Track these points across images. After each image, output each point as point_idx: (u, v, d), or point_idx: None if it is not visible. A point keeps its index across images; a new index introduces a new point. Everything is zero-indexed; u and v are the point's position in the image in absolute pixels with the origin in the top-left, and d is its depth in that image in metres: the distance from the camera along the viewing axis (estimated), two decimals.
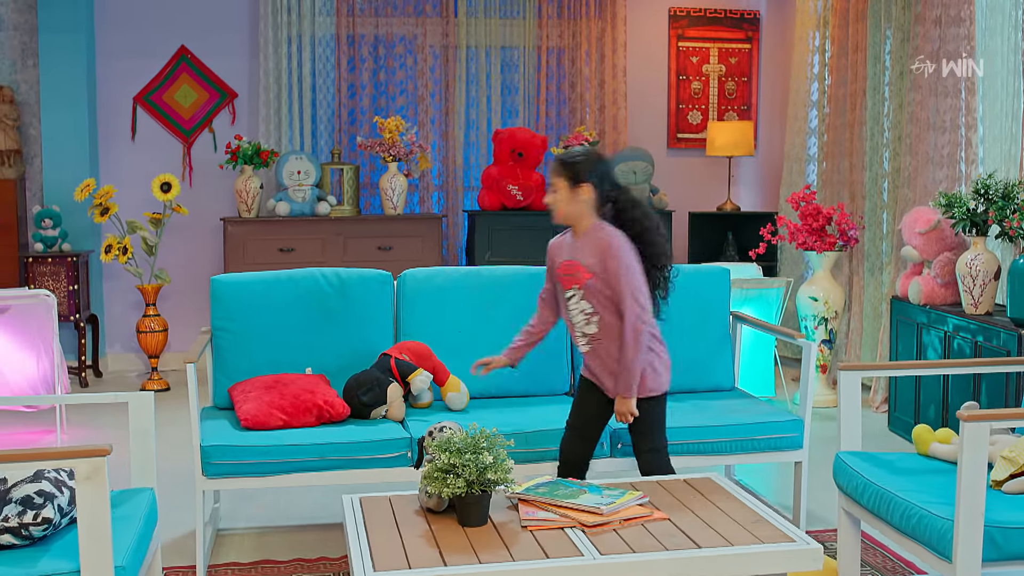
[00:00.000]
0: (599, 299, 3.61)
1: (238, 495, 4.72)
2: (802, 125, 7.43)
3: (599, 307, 3.62)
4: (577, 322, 3.68)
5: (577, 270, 3.63)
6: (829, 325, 6.32)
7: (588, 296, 3.62)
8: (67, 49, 7.19)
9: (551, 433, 3.97)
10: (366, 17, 7.64)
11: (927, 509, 3.02)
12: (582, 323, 3.66)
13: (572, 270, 3.64)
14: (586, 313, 3.64)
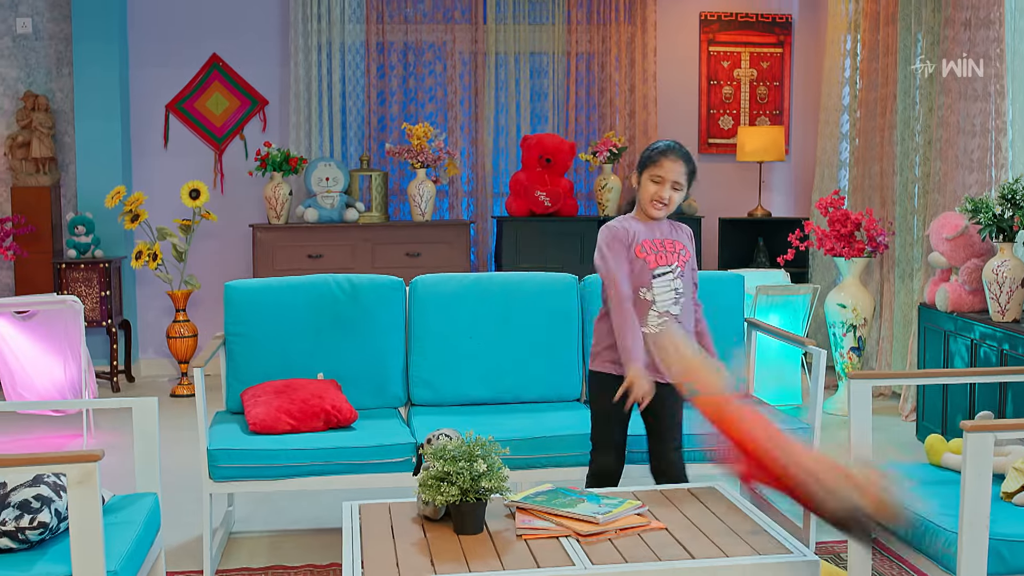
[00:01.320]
0: (689, 282, 3.72)
1: (253, 498, 4.75)
2: (834, 130, 7.34)
3: (687, 289, 3.70)
4: (664, 300, 3.63)
5: (681, 247, 3.69)
6: (858, 332, 6.23)
7: (684, 276, 3.68)
8: (101, 58, 7.28)
9: (562, 439, 3.96)
10: (395, 24, 7.67)
11: (932, 521, 2.97)
12: (670, 302, 3.64)
13: (673, 247, 3.67)
14: (678, 292, 3.65)
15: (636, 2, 7.77)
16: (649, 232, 3.67)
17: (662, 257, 3.65)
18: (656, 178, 3.63)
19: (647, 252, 3.64)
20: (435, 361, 4.46)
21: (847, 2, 7.10)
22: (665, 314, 3.63)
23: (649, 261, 3.64)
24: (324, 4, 7.52)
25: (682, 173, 3.64)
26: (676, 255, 3.67)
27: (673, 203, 3.66)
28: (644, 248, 3.64)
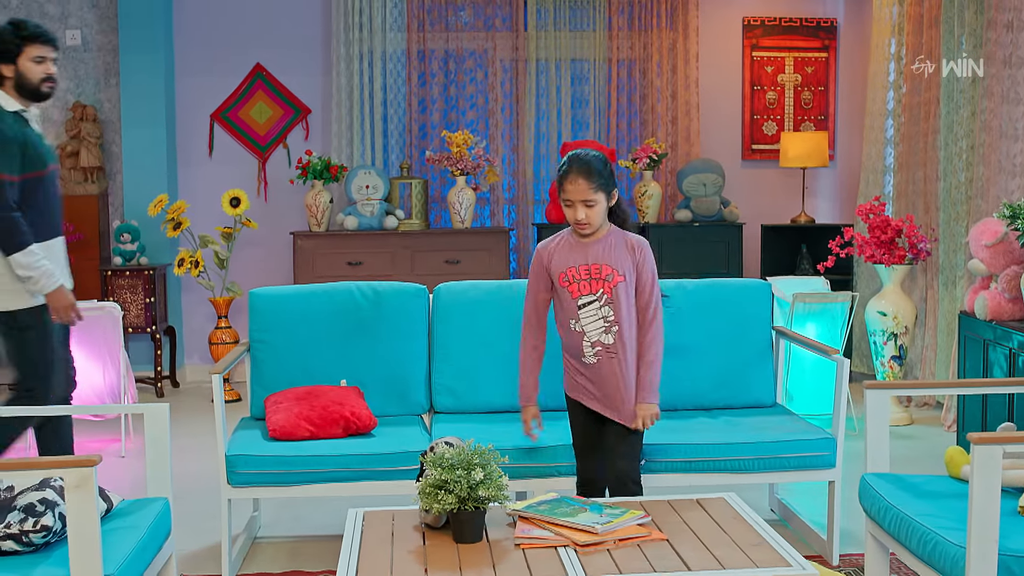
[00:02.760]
0: (623, 306, 3.53)
1: (278, 504, 4.78)
2: (879, 135, 7.22)
3: (621, 315, 3.53)
4: (592, 331, 3.54)
5: (608, 272, 3.52)
6: (899, 341, 6.12)
7: (613, 302, 3.52)
8: (147, 68, 7.41)
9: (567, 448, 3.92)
10: (436, 32, 7.70)
11: (942, 535, 2.90)
12: (599, 332, 3.54)
13: (599, 274, 3.53)
14: (607, 321, 3.53)
15: (678, 8, 7.72)
16: (579, 256, 3.55)
17: (585, 286, 3.53)
18: (566, 202, 3.52)
19: (570, 281, 3.55)
20: (458, 368, 4.47)
21: (891, 5, 6.99)
22: (598, 344, 3.54)
23: (572, 291, 3.54)
24: (366, 13, 7.58)
25: (587, 189, 3.48)
26: (602, 282, 3.52)
27: (594, 218, 3.51)
28: (568, 277, 3.55)
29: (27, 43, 4.22)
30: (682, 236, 7.36)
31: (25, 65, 4.21)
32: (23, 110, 4.24)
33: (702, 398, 4.47)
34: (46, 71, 4.25)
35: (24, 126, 4.20)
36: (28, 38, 4.23)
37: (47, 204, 4.25)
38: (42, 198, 4.22)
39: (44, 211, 4.24)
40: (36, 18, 7.48)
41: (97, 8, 7.55)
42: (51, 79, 4.27)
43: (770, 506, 4.70)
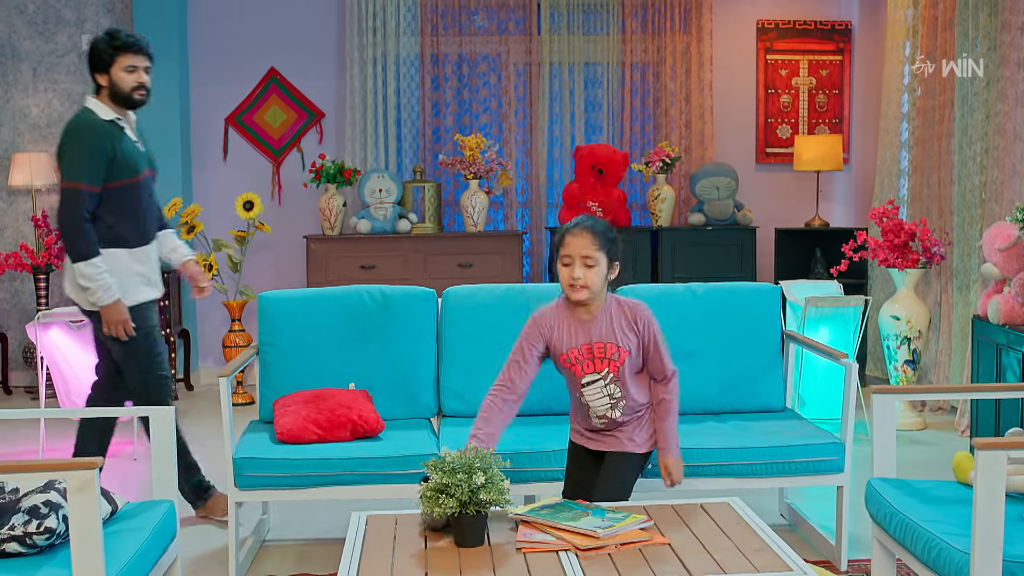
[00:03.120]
0: (629, 379, 3.44)
1: (288, 507, 4.79)
2: (893, 138, 7.19)
3: (627, 389, 3.44)
4: (598, 406, 3.45)
5: (613, 352, 3.39)
6: (912, 345, 6.08)
7: (619, 379, 3.42)
8: (161, 73, 7.36)
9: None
10: (450, 36, 7.72)
11: (947, 541, 2.88)
12: (605, 407, 3.45)
13: (604, 353, 3.39)
14: (614, 398, 3.44)
15: (692, 11, 7.71)
16: (581, 336, 3.41)
17: (588, 365, 3.41)
18: (565, 259, 3.35)
19: (572, 363, 3.42)
20: (466, 372, 4.46)
21: (906, 7, 6.96)
22: (604, 417, 3.47)
23: (576, 371, 3.43)
24: (379, 17, 7.60)
25: (590, 245, 3.32)
26: (606, 361, 3.39)
27: (591, 280, 3.33)
28: (570, 359, 3.42)
29: (119, 53, 4.31)
30: (695, 240, 7.34)
31: (117, 74, 4.31)
32: (118, 118, 4.33)
33: (711, 402, 4.46)
34: (137, 80, 4.33)
35: (118, 134, 4.29)
36: (120, 48, 4.31)
37: (138, 211, 4.35)
38: (132, 205, 4.33)
39: (135, 218, 4.35)
40: (52, 22, 7.55)
41: (113, 13, 7.60)
42: (142, 87, 4.35)
43: (780, 511, 4.68)
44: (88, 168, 4.19)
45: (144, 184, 4.38)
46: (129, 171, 4.28)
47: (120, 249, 4.33)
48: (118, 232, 4.31)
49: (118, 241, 4.32)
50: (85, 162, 4.19)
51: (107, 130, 4.27)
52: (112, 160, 4.23)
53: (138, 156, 4.36)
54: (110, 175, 4.24)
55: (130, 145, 4.33)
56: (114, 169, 4.23)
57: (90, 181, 4.19)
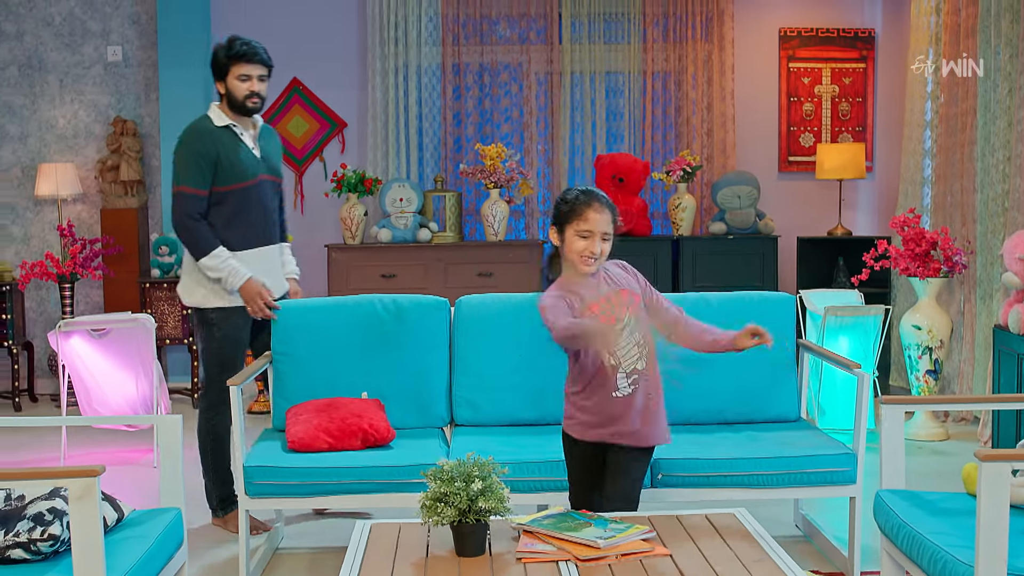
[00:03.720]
0: (646, 326, 3.46)
1: (303, 516, 4.81)
2: (917, 146, 7.13)
3: (647, 336, 3.45)
4: (629, 359, 3.40)
5: (627, 296, 3.42)
6: (934, 355, 6.03)
7: (640, 324, 3.42)
8: (185, 83, 7.52)
9: None
10: (471, 46, 7.74)
11: (952, 554, 2.85)
12: (635, 358, 3.41)
13: (616, 300, 3.40)
14: (640, 345, 3.42)
15: (713, 19, 7.69)
16: (592, 292, 3.41)
17: (612, 313, 3.39)
18: (584, 233, 3.36)
19: (600, 315, 3.38)
20: (478, 381, 4.46)
21: (929, 14, 6.91)
22: (633, 372, 3.41)
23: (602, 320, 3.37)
24: (401, 27, 7.63)
25: (609, 222, 3.38)
26: (625, 306, 3.41)
27: (605, 254, 3.41)
28: (595, 313, 3.38)
29: (233, 62, 4.44)
30: (716, 249, 7.31)
31: (232, 83, 4.44)
32: (233, 124, 4.44)
33: (725, 412, 4.43)
34: (250, 88, 4.43)
35: (228, 140, 4.41)
36: (234, 57, 4.44)
37: (245, 215, 4.47)
38: (239, 209, 4.45)
39: (241, 222, 4.47)
40: (78, 34, 7.65)
41: (138, 25, 7.69)
42: (255, 95, 4.45)
43: (795, 522, 4.65)
44: (191, 172, 4.37)
45: (255, 189, 4.48)
46: (237, 176, 4.41)
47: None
48: (222, 234, 4.45)
49: (221, 242, 4.46)
50: (189, 166, 4.37)
51: (215, 136, 4.41)
52: (217, 165, 4.38)
53: (251, 162, 4.47)
54: (217, 179, 4.39)
55: (242, 151, 4.45)
56: (220, 174, 4.39)
57: (193, 184, 4.37)
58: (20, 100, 7.72)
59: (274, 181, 4.62)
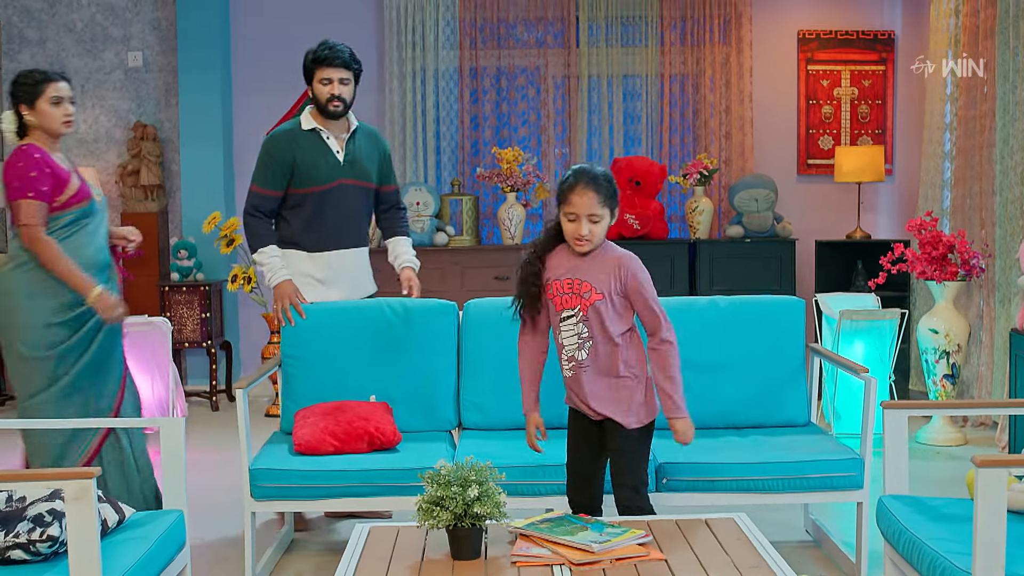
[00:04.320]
0: (599, 324, 3.43)
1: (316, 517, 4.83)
2: (937, 148, 7.07)
3: (595, 332, 3.43)
4: (568, 346, 3.47)
5: (585, 290, 3.42)
6: (951, 359, 5.97)
7: (588, 320, 3.43)
8: (205, 88, 7.58)
9: None
10: (489, 50, 7.75)
11: (950, 560, 2.82)
12: (573, 348, 3.46)
13: (577, 289, 3.43)
14: (581, 338, 3.44)
15: (731, 22, 7.66)
16: (567, 269, 3.46)
17: (567, 300, 3.44)
18: (570, 216, 3.41)
19: (555, 293, 3.47)
20: (485, 385, 4.47)
21: (948, 16, 6.85)
22: (572, 359, 3.45)
23: (555, 303, 3.47)
24: (419, 32, 7.66)
25: (596, 203, 3.38)
26: (579, 298, 3.42)
27: (597, 235, 3.42)
28: (553, 288, 3.48)
29: (317, 66, 4.49)
30: (733, 252, 7.28)
31: (316, 86, 4.50)
32: (320, 128, 4.51)
33: (733, 417, 4.41)
34: (331, 91, 4.46)
35: (309, 144, 4.48)
36: (317, 61, 4.49)
37: (319, 218, 4.53)
38: (313, 212, 4.52)
39: (315, 225, 4.53)
40: (99, 40, 7.72)
41: (158, 30, 7.75)
42: (335, 99, 4.47)
43: (805, 527, 4.62)
44: (261, 172, 4.51)
45: (332, 193, 4.51)
46: (312, 180, 4.48)
47: (295, 250, 4.57)
48: (295, 236, 4.55)
49: (295, 243, 4.57)
50: (261, 166, 4.52)
51: (295, 140, 4.49)
52: (293, 168, 4.46)
53: (331, 167, 4.50)
54: (294, 182, 4.48)
55: (323, 156, 4.49)
56: (296, 177, 4.47)
57: (261, 184, 4.50)
58: None
59: (358, 186, 4.59)
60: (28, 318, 3.98)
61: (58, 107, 4.05)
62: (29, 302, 3.98)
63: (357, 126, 4.63)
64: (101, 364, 4.13)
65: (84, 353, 4.06)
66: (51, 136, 4.08)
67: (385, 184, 4.75)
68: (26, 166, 3.95)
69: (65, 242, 4.01)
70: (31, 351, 3.98)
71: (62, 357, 4.01)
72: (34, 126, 4.04)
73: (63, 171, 4.04)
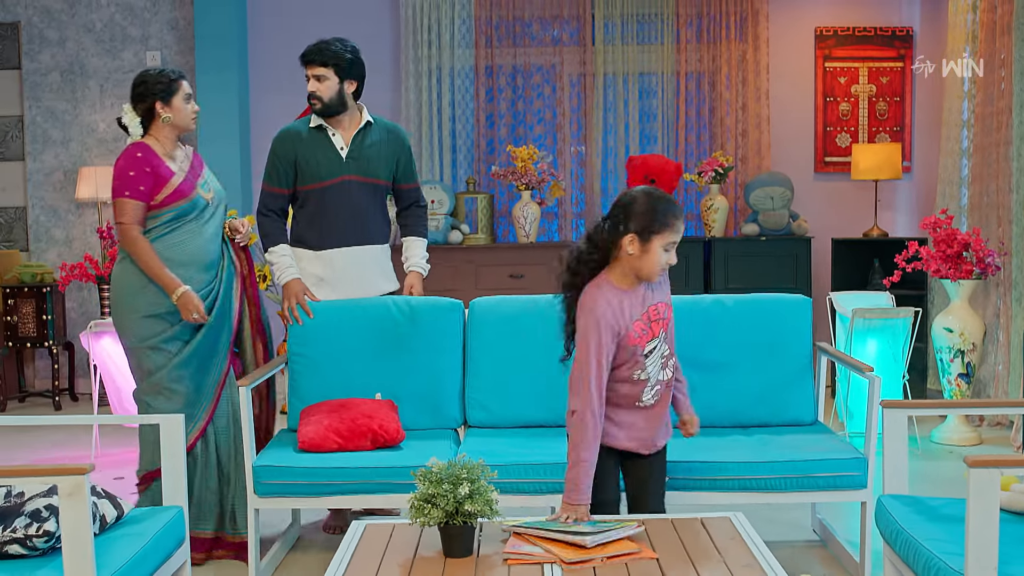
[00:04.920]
0: (671, 335, 3.42)
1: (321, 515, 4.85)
2: (955, 146, 7.01)
3: (670, 344, 3.42)
4: (655, 372, 3.35)
5: (664, 310, 3.36)
6: (966, 358, 5.92)
7: (667, 335, 3.39)
8: (222, 87, 7.62)
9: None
10: (504, 48, 7.76)
11: (944, 560, 2.80)
12: (659, 371, 3.37)
13: (657, 315, 3.33)
14: (663, 356, 3.38)
15: (748, 19, 7.63)
16: (636, 306, 3.29)
17: (648, 331, 3.32)
18: (670, 245, 3.25)
19: (638, 336, 3.30)
20: (491, 383, 4.47)
21: (966, 12, 6.79)
22: (657, 383, 3.38)
23: (641, 344, 3.31)
24: (434, 30, 7.67)
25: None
26: (660, 321, 3.34)
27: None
28: (635, 332, 3.29)
29: (303, 64, 4.54)
30: (749, 250, 7.25)
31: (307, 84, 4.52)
32: (324, 126, 4.54)
33: (739, 415, 4.38)
34: (309, 88, 4.50)
35: (312, 141, 4.51)
36: (301, 58, 4.55)
37: (322, 215, 4.55)
38: (316, 209, 4.55)
39: (317, 222, 4.56)
40: (118, 40, 7.79)
41: (176, 30, 7.81)
42: (312, 95, 4.50)
43: (812, 527, 4.60)
44: (268, 171, 4.57)
45: (334, 190, 4.52)
46: (313, 177, 4.51)
47: (302, 248, 4.62)
48: (301, 233, 4.61)
49: (301, 241, 4.62)
50: (268, 164, 4.57)
51: (297, 138, 4.52)
52: (294, 165, 4.50)
53: (333, 163, 4.51)
54: (299, 180, 4.53)
55: (325, 152, 4.51)
56: (300, 174, 4.52)
57: (268, 182, 4.57)
58: (63, 105, 7.88)
59: (363, 182, 4.57)
60: (129, 310, 4.18)
61: (189, 103, 4.29)
62: (130, 295, 4.17)
63: (369, 121, 4.62)
64: (203, 360, 4.27)
65: (184, 347, 4.23)
66: (177, 132, 4.28)
67: (404, 181, 4.75)
68: (126, 165, 4.12)
69: (164, 238, 4.16)
70: (132, 342, 4.20)
71: (159, 349, 4.19)
72: (167, 122, 4.21)
73: (165, 169, 4.17)
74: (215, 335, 4.33)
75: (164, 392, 4.17)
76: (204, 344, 4.28)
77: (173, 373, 4.18)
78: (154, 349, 4.18)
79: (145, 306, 4.15)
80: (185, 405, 4.19)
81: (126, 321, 4.19)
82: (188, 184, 4.23)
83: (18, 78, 7.89)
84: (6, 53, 7.88)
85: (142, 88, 4.22)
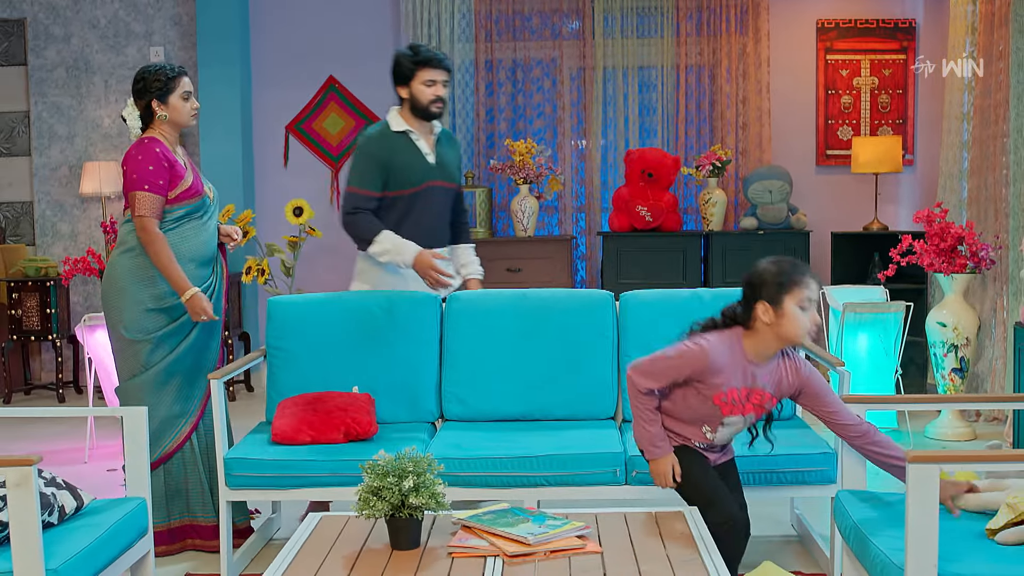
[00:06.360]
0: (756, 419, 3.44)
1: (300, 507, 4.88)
2: (955, 138, 6.95)
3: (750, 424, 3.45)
4: (720, 438, 3.41)
5: (767, 400, 3.34)
6: (960, 353, 5.88)
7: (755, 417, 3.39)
8: (225, 82, 7.68)
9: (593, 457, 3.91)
10: (504, 42, 7.76)
11: (889, 557, 2.79)
12: (724, 438, 3.43)
13: (760, 400, 3.32)
14: (737, 432, 3.44)
15: (748, 11, 7.59)
16: (744, 377, 3.26)
17: (738, 408, 3.31)
18: (806, 303, 3.19)
19: (727, 403, 3.29)
20: (467, 377, 4.48)
21: (967, 4, 6.73)
22: (714, 447, 3.45)
23: (723, 411, 3.31)
24: (434, 24, 7.69)
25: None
26: (755, 407, 3.32)
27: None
28: (726, 397, 3.27)
29: (420, 67, 4.46)
30: (746, 244, 7.22)
31: (417, 87, 4.45)
32: (410, 130, 4.51)
33: None
34: (435, 93, 4.45)
35: (401, 146, 4.48)
36: (421, 63, 4.46)
37: (416, 219, 4.51)
38: (403, 214, 4.50)
39: (413, 225, 4.50)
40: (122, 36, 7.85)
41: (179, 25, 7.87)
42: (439, 100, 4.48)
43: (791, 522, 4.59)
44: (359, 173, 4.46)
45: (422, 196, 4.51)
46: (403, 183, 4.47)
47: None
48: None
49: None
50: (359, 168, 4.47)
51: (390, 141, 4.48)
52: (387, 170, 4.45)
53: (421, 168, 4.50)
54: (388, 184, 4.46)
55: (415, 157, 4.49)
56: (390, 179, 4.46)
57: (359, 185, 4.46)
58: (67, 101, 7.96)
59: (446, 187, 4.60)
60: (130, 302, 4.19)
61: (187, 101, 4.26)
62: (132, 287, 4.19)
63: (441, 127, 4.63)
64: (197, 357, 4.33)
65: (181, 343, 4.27)
66: (177, 129, 4.29)
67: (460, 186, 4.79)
68: (145, 159, 4.13)
69: (173, 234, 4.19)
70: (130, 334, 4.20)
71: (158, 343, 4.23)
72: (164, 120, 4.22)
73: (180, 166, 4.22)
74: (210, 330, 4.39)
75: (157, 387, 4.21)
76: (200, 339, 4.35)
77: (171, 367, 4.23)
78: (154, 343, 4.22)
79: (151, 299, 4.19)
80: (178, 399, 4.25)
81: (127, 313, 4.20)
82: (199, 182, 4.29)
83: (24, 74, 7.98)
84: (12, 49, 7.97)
85: (141, 85, 4.24)
